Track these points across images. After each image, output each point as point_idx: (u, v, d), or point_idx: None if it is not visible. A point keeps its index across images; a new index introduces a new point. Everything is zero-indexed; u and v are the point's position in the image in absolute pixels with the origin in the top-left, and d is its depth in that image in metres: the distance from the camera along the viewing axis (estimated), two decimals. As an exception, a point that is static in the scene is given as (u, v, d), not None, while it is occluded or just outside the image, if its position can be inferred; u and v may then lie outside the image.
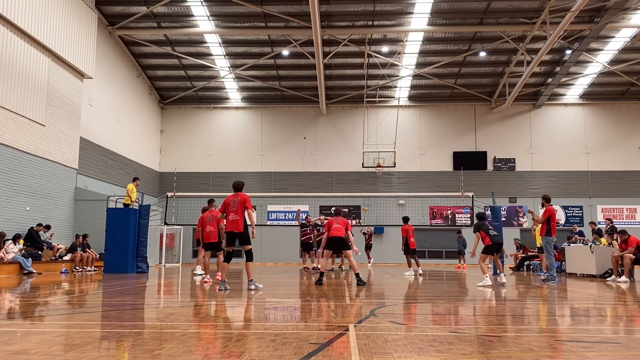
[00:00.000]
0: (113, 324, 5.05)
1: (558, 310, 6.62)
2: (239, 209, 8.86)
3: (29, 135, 16.00)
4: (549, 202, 11.87)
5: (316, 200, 26.28)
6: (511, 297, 8.36)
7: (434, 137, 27.73)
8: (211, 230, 11.19)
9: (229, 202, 9.01)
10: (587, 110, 27.70)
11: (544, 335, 4.53)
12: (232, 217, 8.89)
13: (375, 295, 8.42)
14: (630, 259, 12.16)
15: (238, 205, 8.88)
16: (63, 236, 17.63)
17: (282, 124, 28.18)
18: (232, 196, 9.11)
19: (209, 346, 3.78)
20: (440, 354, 3.56)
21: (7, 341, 3.97)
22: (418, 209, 26.19)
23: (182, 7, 20.72)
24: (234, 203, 8.94)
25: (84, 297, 7.98)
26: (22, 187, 15.72)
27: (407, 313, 6.16)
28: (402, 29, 21.91)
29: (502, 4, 20.34)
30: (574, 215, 26.57)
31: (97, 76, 20.24)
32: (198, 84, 26.93)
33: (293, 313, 6.05)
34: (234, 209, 8.90)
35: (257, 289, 8.88)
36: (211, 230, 11.19)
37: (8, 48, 15.10)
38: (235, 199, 8.98)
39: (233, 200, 8.99)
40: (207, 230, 11.25)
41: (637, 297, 8.33)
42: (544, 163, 27.23)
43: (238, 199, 8.94)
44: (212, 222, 11.21)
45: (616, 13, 19.97)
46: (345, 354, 3.50)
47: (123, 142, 23.38)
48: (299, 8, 20.28)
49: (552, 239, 11.68)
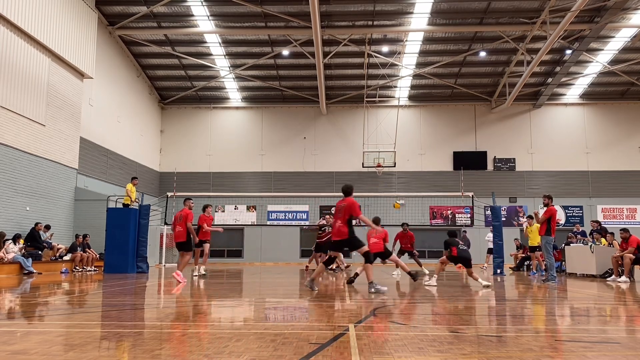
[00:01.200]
0: (113, 324, 5.05)
1: (558, 310, 6.62)
2: (344, 216, 8.48)
3: (29, 135, 15.99)
4: (552, 201, 11.88)
5: (316, 200, 26.28)
6: (511, 297, 8.36)
7: (434, 137, 27.73)
8: (180, 230, 11.18)
9: (338, 208, 8.65)
10: (587, 110, 27.70)
11: (544, 335, 4.53)
12: (337, 224, 8.55)
13: (375, 295, 8.41)
14: (630, 259, 12.16)
15: (343, 212, 8.50)
16: (63, 236, 17.63)
17: (282, 124, 28.18)
18: (340, 201, 8.73)
19: (209, 346, 3.78)
20: (440, 354, 3.56)
21: (7, 341, 3.97)
22: (418, 209, 26.19)
23: (182, 7, 20.72)
24: (340, 209, 8.58)
25: (84, 297, 7.98)
26: (22, 187, 15.72)
27: (407, 313, 6.15)
28: (402, 29, 21.91)
29: (502, 4, 20.34)
30: (574, 215, 26.57)
31: (97, 76, 20.24)
32: (198, 84, 26.94)
33: (293, 313, 6.05)
34: (340, 215, 8.55)
35: (378, 292, 8.22)
36: (180, 230, 11.19)
37: (8, 48, 15.10)
38: (342, 205, 8.59)
39: (340, 206, 8.62)
40: (176, 230, 11.24)
41: (637, 297, 8.33)
42: (544, 163, 27.23)
43: (344, 205, 8.54)
44: (181, 222, 11.20)
45: (616, 13, 19.97)
46: (345, 354, 3.49)
47: (123, 142, 23.38)
48: (299, 8, 20.28)
49: (551, 239, 11.70)
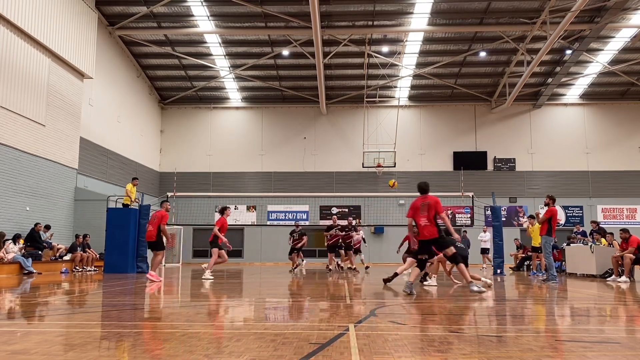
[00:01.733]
0: (113, 324, 5.05)
1: (558, 310, 6.62)
2: (430, 214, 8.05)
3: (29, 135, 16.00)
4: (554, 203, 11.89)
5: (316, 200, 26.28)
6: (511, 297, 8.36)
7: (434, 137, 27.73)
8: (150, 230, 11.36)
9: (418, 205, 8.18)
10: (587, 110, 27.70)
11: (544, 335, 4.53)
12: (423, 222, 8.08)
13: (375, 295, 8.42)
14: (630, 259, 12.16)
15: (428, 209, 8.06)
16: (63, 236, 17.62)
17: (282, 124, 28.18)
18: (420, 199, 8.26)
19: (209, 346, 3.78)
20: (440, 354, 3.56)
21: (7, 341, 3.97)
22: (418, 209, 26.17)
23: (182, 7, 20.72)
24: (423, 207, 8.11)
25: (84, 297, 7.98)
26: (22, 187, 15.72)
27: (407, 313, 6.15)
28: (402, 29, 21.91)
29: (502, 4, 20.34)
30: (574, 215, 26.57)
31: (97, 76, 20.24)
32: (198, 84, 26.94)
33: (293, 313, 6.05)
34: (424, 213, 8.08)
35: (480, 291, 8.06)
36: (151, 230, 11.36)
37: (8, 48, 15.10)
38: (425, 202, 8.14)
39: (422, 203, 8.15)
40: (148, 230, 11.41)
41: (637, 297, 8.33)
42: (544, 163, 27.23)
43: (428, 202, 8.10)
44: (154, 222, 11.40)
45: (616, 13, 19.96)
46: (345, 354, 3.49)
47: (123, 142, 23.38)
48: (299, 8, 20.28)
49: (551, 239, 11.71)
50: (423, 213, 8.08)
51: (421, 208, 8.12)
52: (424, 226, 8.09)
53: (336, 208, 26.78)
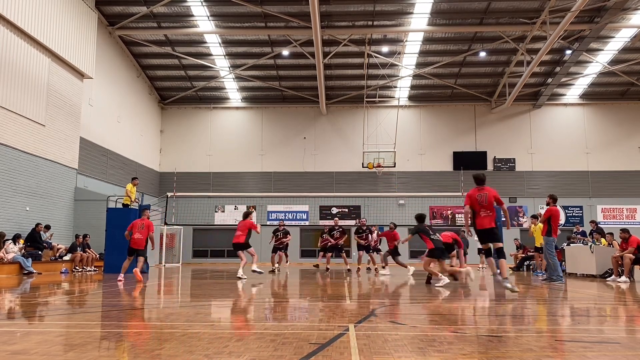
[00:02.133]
0: (113, 324, 5.05)
1: (558, 310, 6.62)
2: (490, 205, 8.19)
3: (29, 135, 15.99)
4: (555, 203, 11.85)
5: (316, 200, 26.29)
6: (511, 297, 8.36)
7: (434, 137, 27.74)
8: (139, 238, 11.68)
9: (476, 196, 8.26)
10: (587, 110, 27.71)
11: (544, 335, 4.53)
12: (484, 213, 8.20)
13: (375, 295, 8.42)
14: (629, 259, 12.16)
15: (488, 200, 8.18)
16: (63, 236, 17.62)
17: (282, 124, 28.18)
18: (477, 190, 8.35)
19: (209, 346, 3.78)
20: (440, 354, 3.56)
21: (7, 341, 3.97)
22: (418, 209, 26.15)
23: (182, 7, 20.72)
24: (482, 198, 8.20)
25: (84, 297, 7.98)
26: (22, 187, 15.72)
27: (407, 313, 6.15)
28: (402, 29, 21.91)
29: (502, 4, 20.34)
30: (574, 215, 26.57)
31: (97, 76, 20.24)
32: (198, 84, 26.94)
33: (293, 313, 6.05)
34: (485, 204, 8.17)
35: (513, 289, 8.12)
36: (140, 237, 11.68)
37: (8, 48, 15.10)
38: (483, 194, 8.24)
39: (481, 194, 8.24)
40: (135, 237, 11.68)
41: (637, 297, 8.33)
42: (544, 163, 27.24)
43: (486, 194, 8.21)
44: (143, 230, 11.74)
45: (616, 13, 19.97)
46: (345, 354, 3.50)
47: (123, 142, 23.38)
48: (299, 8, 20.28)
49: (552, 239, 11.63)
50: (483, 204, 8.20)
51: (480, 200, 8.22)
52: (483, 217, 8.20)
53: (336, 208, 26.78)
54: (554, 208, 11.70)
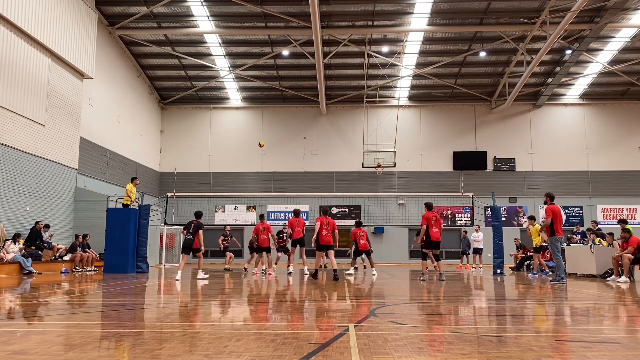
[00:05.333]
0: (113, 324, 5.05)
1: (558, 310, 6.62)
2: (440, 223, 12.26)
3: (29, 135, 16.00)
4: (553, 201, 11.78)
5: (316, 200, 26.28)
6: (511, 297, 8.36)
7: (434, 137, 27.74)
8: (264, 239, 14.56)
9: (432, 218, 11.77)
10: (587, 110, 27.71)
11: (544, 335, 4.53)
12: (436, 229, 11.88)
13: (375, 295, 8.42)
14: (629, 259, 12.16)
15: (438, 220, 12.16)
16: (63, 236, 17.63)
17: (282, 124, 28.19)
18: (430, 213, 11.95)
19: (209, 346, 3.78)
20: (440, 354, 3.56)
21: (7, 341, 3.97)
22: (418, 209, 26.16)
23: (182, 7, 20.73)
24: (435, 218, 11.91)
25: (84, 297, 7.98)
26: (22, 187, 15.72)
27: (407, 313, 6.15)
28: (402, 29, 21.91)
29: (502, 4, 20.34)
30: (574, 215, 26.57)
31: (97, 76, 20.25)
32: (198, 84, 26.94)
33: (293, 313, 6.05)
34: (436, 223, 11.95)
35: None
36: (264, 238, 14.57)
37: (8, 48, 15.10)
38: (435, 216, 11.84)
39: (435, 216, 11.89)
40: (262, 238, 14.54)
41: (637, 297, 8.33)
42: (544, 163, 27.24)
43: (437, 216, 12.00)
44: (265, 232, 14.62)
45: (616, 13, 19.97)
46: (345, 354, 3.49)
47: (123, 142, 23.38)
48: (299, 8, 20.28)
49: (556, 239, 11.47)
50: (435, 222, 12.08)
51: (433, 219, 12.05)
52: (435, 232, 11.96)
53: (336, 208, 26.78)
54: (554, 206, 11.66)
